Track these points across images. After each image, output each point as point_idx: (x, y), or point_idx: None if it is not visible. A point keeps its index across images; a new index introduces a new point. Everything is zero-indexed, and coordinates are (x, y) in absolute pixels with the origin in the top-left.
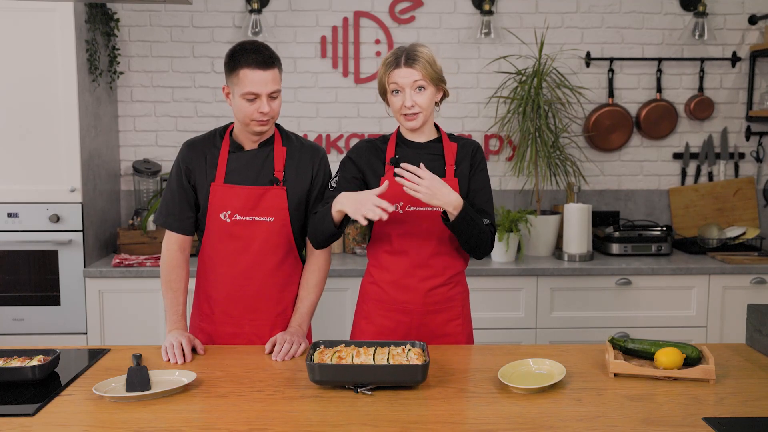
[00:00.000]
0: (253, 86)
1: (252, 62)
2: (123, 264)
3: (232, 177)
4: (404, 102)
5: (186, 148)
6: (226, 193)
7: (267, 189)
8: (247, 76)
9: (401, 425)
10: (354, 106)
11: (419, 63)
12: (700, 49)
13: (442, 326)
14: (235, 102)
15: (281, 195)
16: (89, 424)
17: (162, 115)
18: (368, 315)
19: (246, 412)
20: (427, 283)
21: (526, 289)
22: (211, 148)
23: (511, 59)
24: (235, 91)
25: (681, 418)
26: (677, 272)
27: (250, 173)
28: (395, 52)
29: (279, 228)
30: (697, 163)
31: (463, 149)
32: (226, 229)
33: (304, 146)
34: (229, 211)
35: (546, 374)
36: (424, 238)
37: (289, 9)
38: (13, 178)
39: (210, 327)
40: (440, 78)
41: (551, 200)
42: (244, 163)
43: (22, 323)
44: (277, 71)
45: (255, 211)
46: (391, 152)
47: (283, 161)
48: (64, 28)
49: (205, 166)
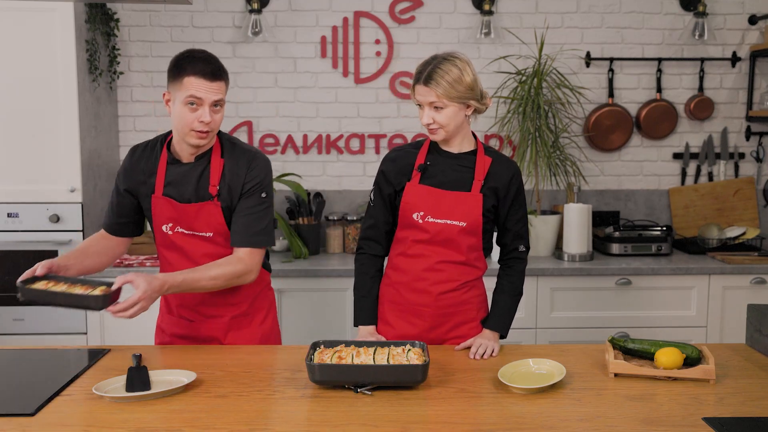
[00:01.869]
0: (197, 92)
1: (199, 71)
2: (123, 264)
3: (169, 190)
4: (422, 118)
5: (129, 155)
6: (165, 206)
7: (202, 205)
8: (192, 83)
9: (401, 425)
10: (354, 106)
11: (437, 84)
12: (700, 49)
13: (455, 329)
14: (175, 110)
15: (216, 211)
16: (89, 424)
17: (162, 115)
18: (383, 316)
19: (246, 412)
20: (439, 287)
21: (527, 289)
22: (151, 157)
23: (511, 59)
24: (177, 97)
25: (681, 418)
26: (677, 272)
27: (186, 188)
28: (425, 63)
29: (220, 241)
30: (697, 163)
31: (498, 166)
32: (168, 240)
33: (238, 156)
34: (170, 223)
35: (546, 374)
36: (440, 245)
37: (289, 9)
38: (13, 178)
39: (169, 328)
40: (465, 96)
41: (551, 200)
42: (181, 177)
43: (22, 323)
44: (224, 84)
45: (193, 226)
46: (421, 159)
47: (219, 175)
48: (64, 28)
49: (144, 176)
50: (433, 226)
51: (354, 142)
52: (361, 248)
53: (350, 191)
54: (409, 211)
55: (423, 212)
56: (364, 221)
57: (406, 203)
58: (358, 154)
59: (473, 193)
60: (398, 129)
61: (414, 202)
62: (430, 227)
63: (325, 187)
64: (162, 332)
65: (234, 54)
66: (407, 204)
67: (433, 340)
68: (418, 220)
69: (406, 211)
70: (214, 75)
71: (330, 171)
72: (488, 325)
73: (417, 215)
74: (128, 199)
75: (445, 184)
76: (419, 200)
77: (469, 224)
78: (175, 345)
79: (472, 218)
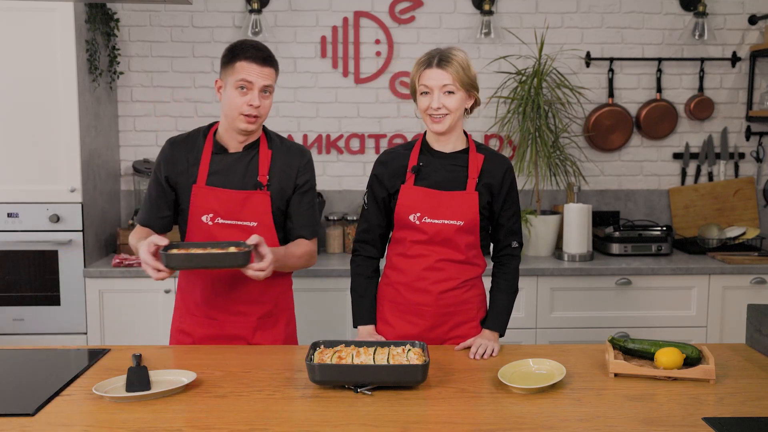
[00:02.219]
0: (249, 75)
1: (251, 56)
2: (123, 264)
3: (214, 179)
4: (431, 103)
5: (168, 146)
6: (208, 196)
7: (250, 193)
8: (244, 67)
9: (401, 425)
10: (354, 106)
11: (452, 66)
12: (700, 49)
13: (456, 328)
14: (226, 94)
15: (265, 200)
16: (89, 424)
17: (162, 115)
18: (383, 316)
19: (246, 412)
20: (440, 286)
21: (526, 289)
22: (194, 147)
23: (511, 59)
24: (228, 82)
25: (681, 418)
26: (677, 272)
27: (234, 176)
28: (430, 52)
29: (262, 232)
30: (697, 163)
31: (490, 163)
32: (207, 231)
33: (290, 149)
34: (211, 214)
35: (546, 374)
36: (439, 245)
37: (289, 9)
38: (13, 178)
39: (191, 328)
40: (472, 84)
41: (551, 200)
42: (228, 165)
43: (22, 323)
44: (274, 71)
45: (238, 215)
46: (414, 160)
47: (267, 165)
48: (64, 28)
49: (187, 165)
50: (430, 226)
51: (354, 142)
52: (356, 251)
53: (350, 191)
54: (406, 213)
55: (420, 213)
56: (359, 224)
57: (402, 206)
58: (358, 154)
59: (469, 191)
60: (398, 129)
61: (410, 204)
62: (427, 228)
63: (325, 187)
64: (186, 335)
65: None
66: (403, 206)
67: (434, 340)
68: (416, 221)
69: (402, 213)
70: (265, 60)
71: (330, 171)
72: (487, 326)
73: (414, 217)
74: (168, 190)
75: (439, 185)
76: (415, 202)
77: (466, 223)
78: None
79: (469, 217)
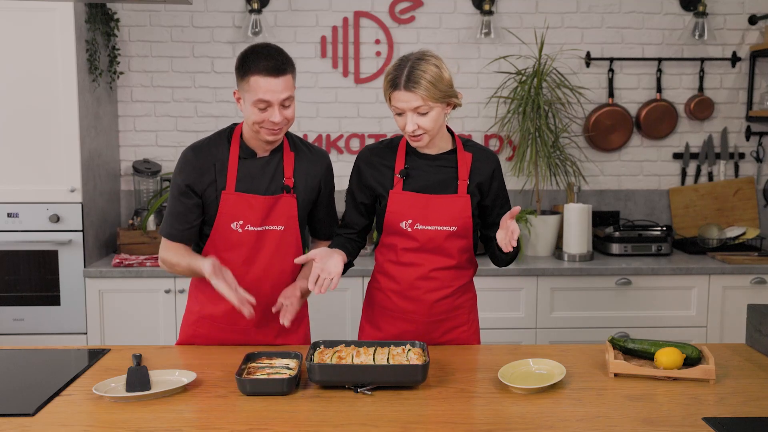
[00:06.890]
0: (264, 94)
1: (263, 69)
2: (123, 264)
3: (242, 185)
4: (406, 126)
5: (192, 154)
6: (239, 203)
7: (279, 197)
8: (259, 84)
9: (401, 425)
10: (354, 106)
11: (420, 87)
12: (700, 49)
13: (447, 333)
14: (245, 109)
15: (292, 203)
16: (89, 424)
17: (162, 115)
18: (373, 320)
19: (246, 412)
20: (434, 295)
21: (526, 289)
22: (218, 152)
23: (511, 59)
24: (246, 98)
25: (681, 418)
26: (677, 272)
27: (262, 182)
28: (397, 66)
29: (288, 235)
30: (697, 163)
31: (479, 161)
32: (236, 238)
33: (311, 152)
34: (241, 221)
35: (546, 374)
36: (431, 253)
37: (289, 9)
38: (13, 178)
39: (213, 333)
40: (447, 93)
41: (551, 200)
42: (257, 170)
43: (22, 323)
44: (290, 77)
45: (266, 220)
46: (400, 163)
47: (292, 168)
48: (64, 28)
49: (215, 172)
50: (422, 233)
51: (354, 142)
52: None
53: None
54: (396, 221)
55: (411, 220)
56: (341, 220)
57: (392, 213)
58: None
59: (460, 194)
60: (398, 129)
61: (400, 211)
62: (419, 235)
63: None
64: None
65: (234, 54)
66: (393, 213)
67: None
68: (407, 228)
69: (392, 220)
70: (279, 70)
71: None
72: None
73: (405, 224)
74: (194, 199)
75: (428, 188)
76: (405, 208)
77: (459, 228)
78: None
79: (462, 221)
